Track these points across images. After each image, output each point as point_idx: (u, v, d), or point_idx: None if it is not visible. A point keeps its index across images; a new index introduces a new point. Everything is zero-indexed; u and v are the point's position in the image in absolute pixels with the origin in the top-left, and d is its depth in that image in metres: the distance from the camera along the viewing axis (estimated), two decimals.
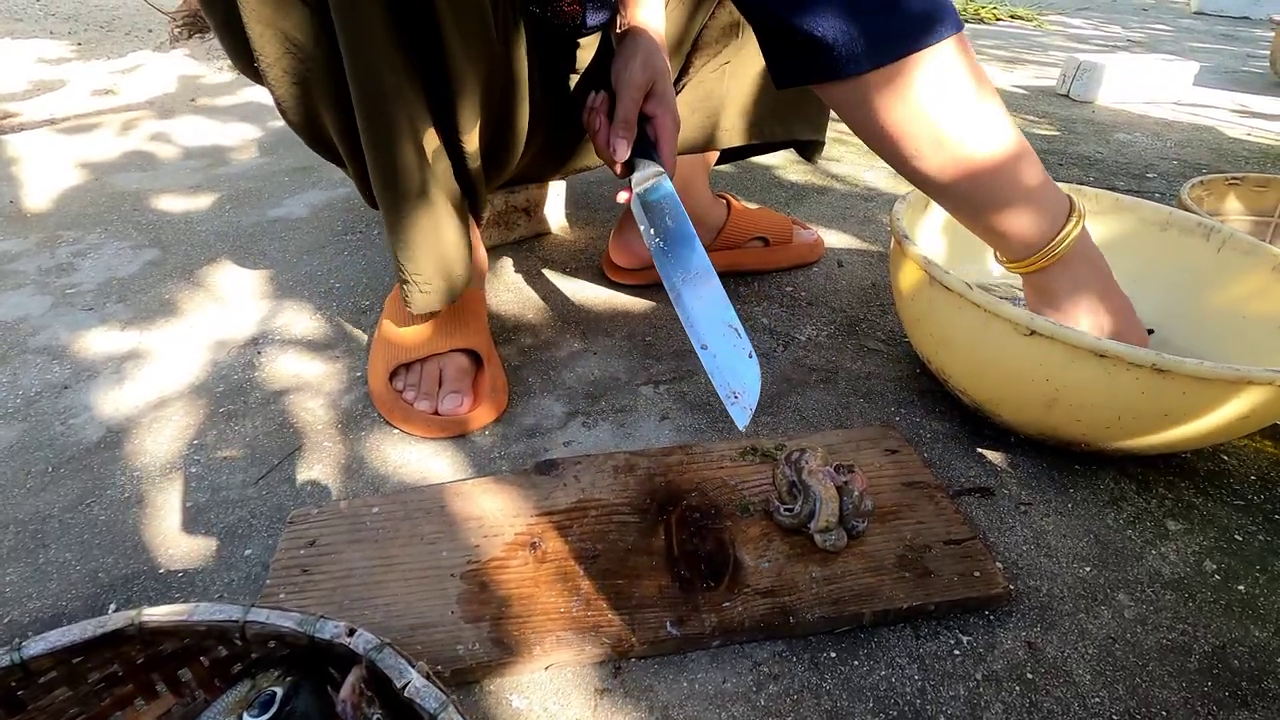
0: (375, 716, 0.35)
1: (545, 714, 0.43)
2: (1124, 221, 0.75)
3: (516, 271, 0.93)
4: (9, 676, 0.35)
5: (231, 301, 0.86)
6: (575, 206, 1.10)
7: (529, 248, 0.99)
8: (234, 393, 0.70)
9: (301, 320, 0.82)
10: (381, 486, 0.59)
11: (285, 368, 0.74)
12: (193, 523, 0.56)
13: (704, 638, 0.46)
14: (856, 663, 0.46)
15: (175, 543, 0.54)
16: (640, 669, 0.46)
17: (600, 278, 0.91)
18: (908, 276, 0.63)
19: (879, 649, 0.47)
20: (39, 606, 0.50)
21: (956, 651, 0.47)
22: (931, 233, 0.75)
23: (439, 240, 0.59)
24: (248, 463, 0.62)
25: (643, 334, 0.80)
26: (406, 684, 0.35)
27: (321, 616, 0.38)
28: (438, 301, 0.62)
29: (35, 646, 0.35)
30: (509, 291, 0.88)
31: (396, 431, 0.65)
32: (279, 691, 0.34)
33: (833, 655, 0.47)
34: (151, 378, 0.72)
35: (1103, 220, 0.76)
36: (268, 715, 0.33)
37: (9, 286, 0.88)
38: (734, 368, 0.53)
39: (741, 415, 0.52)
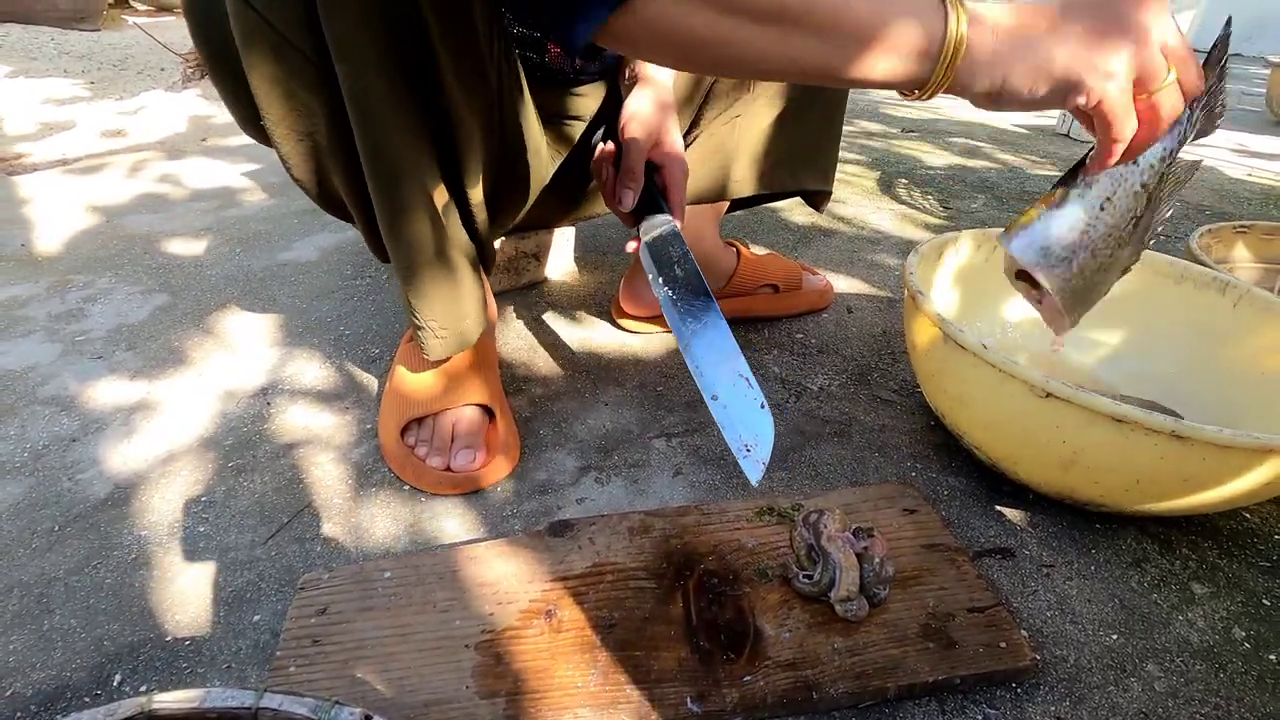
0: None
1: None
2: (1138, 273, 0.75)
3: (526, 317, 0.93)
4: None
5: (241, 349, 0.86)
6: (584, 250, 1.10)
7: (538, 293, 0.99)
8: (243, 446, 0.70)
9: (311, 369, 0.82)
10: (393, 546, 0.59)
11: (295, 420, 0.73)
12: (200, 586, 0.55)
13: (725, 715, 0.45)
14: None
15: (182, 608, 0.53)
16: None
17: (610, 324, 0.91)
18: (922, 332, 0.63)
19: None
20: (43, 677, 0.49)
21: None
22: (944, 284, 0.75)
23: (452, 287, 0.59)
24: (257, 521, 0.61)
25: (654, 383, 0.80)
26: None
27: (336, 702, 0.37)
28: (452, 348, 0.62)
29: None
30: (518, 338, 0.88)
31: (408, 488, 0.65)
32: None
33: None
34: (160, 430, 0.72)
35: None
36: None
37: (19, 333, 0.88)
38: (746, 419, 0.52)
39: (754, 469, 0.51)
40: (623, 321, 0.90)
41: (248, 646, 0.51)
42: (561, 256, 1.04)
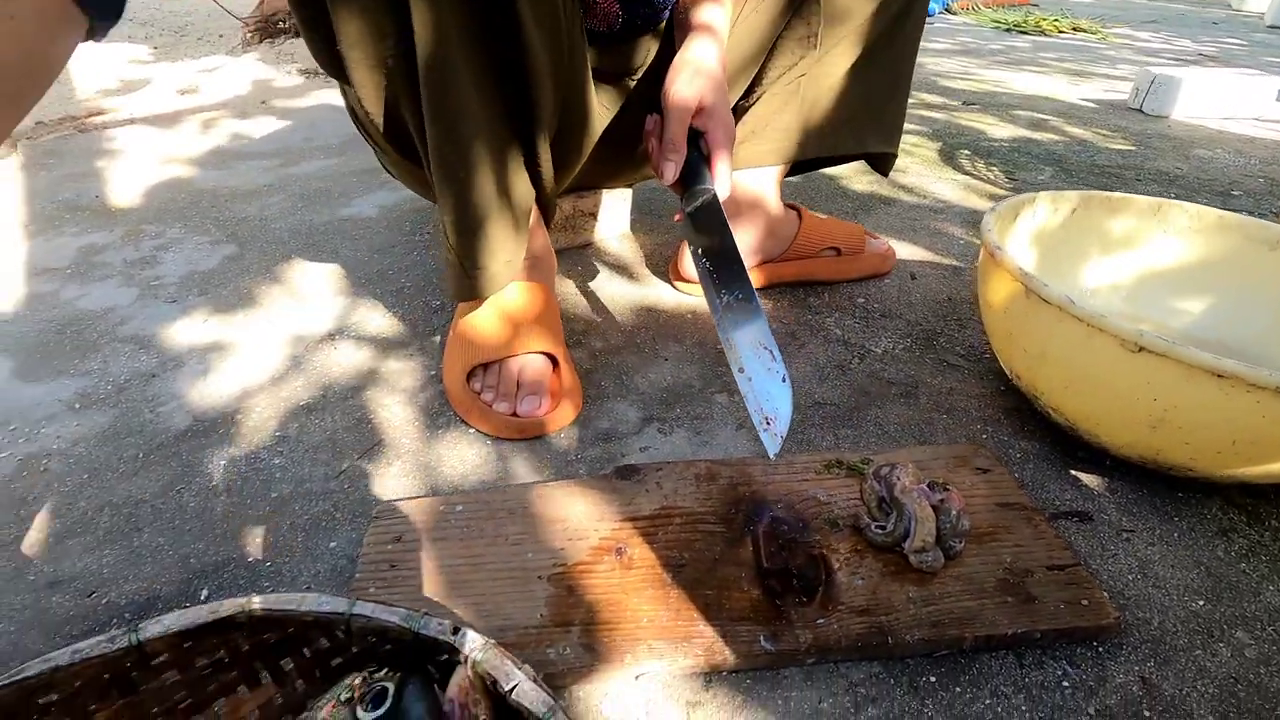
0: (482, 718, 0.35)
1: None
2: (1228, 240, 0.72)
3: (582, 275, 0.93)
4: (125, 658, 0.35)
5: (307, 297, 0.87)
6: (640, 213, 1.10)
7: (594, 253, 0.99)
8: (313, 387, 0.71)
9: (375, 317, 0.83)
10: (460, 485, 0.59)
11: (362, 364, 0.75)
12: (278, 513, 0.57)
13: (799, 655, 0.45)
14: (959, 689, 0.44)
15: (262, 532, 0.55)
16: (732, 683, 0.44)
17: (667, 284, 0.91)
18: (1000, 289, 0.61)
19: (981, 676, 0.45)
20: (135, 588, 0.51)
21: (1065, 684, 0.45)
22: (1019, 245, 0.73)
23: (494, 226, 0.60)
24: (329, 456, 0.63)
25: (713, 342, 0.79)
26: (515, 687, 0.34)
27: (425, 613, 0.37)
28: (489, 289, 0.62)
29: (151, 629, 0.35)
30: (576, 295, 0.88)
31: (473, 431, 0.65)
32: (390, 687, 0.34)
33: (932, 680, 0.45)
34: (233, 369, 0.74)
35: (1204, 238, 0.73)
36: (380, 710, 0.33)
37: (97, 278, 0.91)
38: (768, 392, 0.52)
39: (772, 443, 0.51)
40: (680, 284, 0.89)
41: (325, 570, 0.52)
42: (617, 218, 1.04)
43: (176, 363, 0.75)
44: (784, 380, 0.51)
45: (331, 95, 1.75)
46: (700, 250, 0.59)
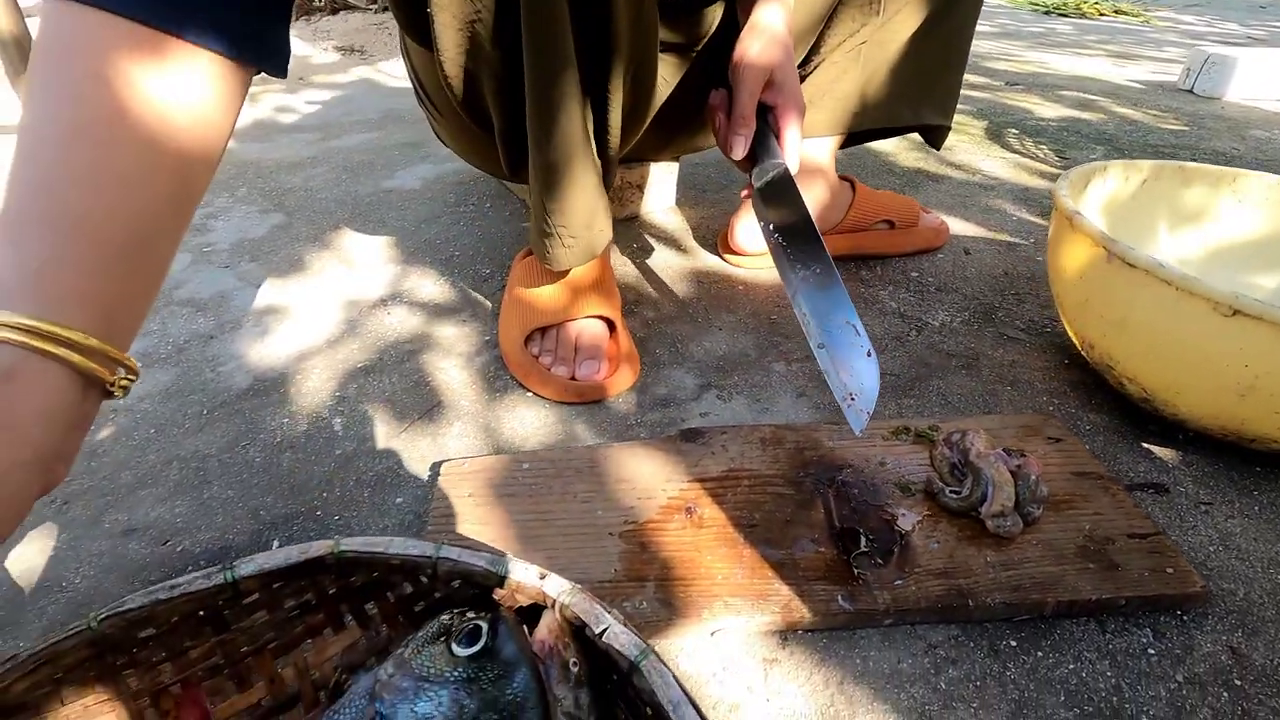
0: (573, 660, 0.34)
1: (715, 680, 0.42)
2: None
3: (631, 247, 0.92)
4: (219, 595, 0.35)
5: (357, 264, 0.88)
6: (684, 187, 1.09)
7: (640, 225, 0.98)
8: (369, 350, 0.72)
9: (426, 284, 0.83)
10: (520, 447, 0.59)
11: (416, 328, 0.75)
12: (343, 469, 0.57)
13: (877, 615, 0.44)
14: (1040, 653, 0.43)
15: (328, 487, 0.55)
16: (808, 642, 0.44)
17: (715, 256, 0.90)
18: (1077, 254, 0.59)
19: (1064, 641, 0.44)
20: (208, 538, 0.51)
21: (1151, 651, 0.44)
22: (1089, 215, 0.71)
23: (586, 195, 0.59)
24: (389, 415, 0.63)
25: (767, 312, 0.78)
26: (605, 630, 0.34)
27: (511, 558, 0.37)
28: (580, 258, 0.62)
29: (245, 568, 0.35)
30: (625, 266, 0.88)
31: (531, 394, 0.65)
32: (484, 625, 0.33)
33: (1013, 644, 0.44)
34: (290, 332, 0.74)
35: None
36: (475, 648, 0.32)
37: None
38: (851, 367, 0.51)
39: (857, 420, 0.50)
40: (729, 257, 0.88)
41: (393, 524, 0.52)
42: (663, 191, 1.03)
43: (233, 325, 0.75)
44: (869, 355, 0.50)
45: (369, 71, 1.75)
46: (772, 225, 0.58)
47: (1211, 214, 0.73)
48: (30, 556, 0.50)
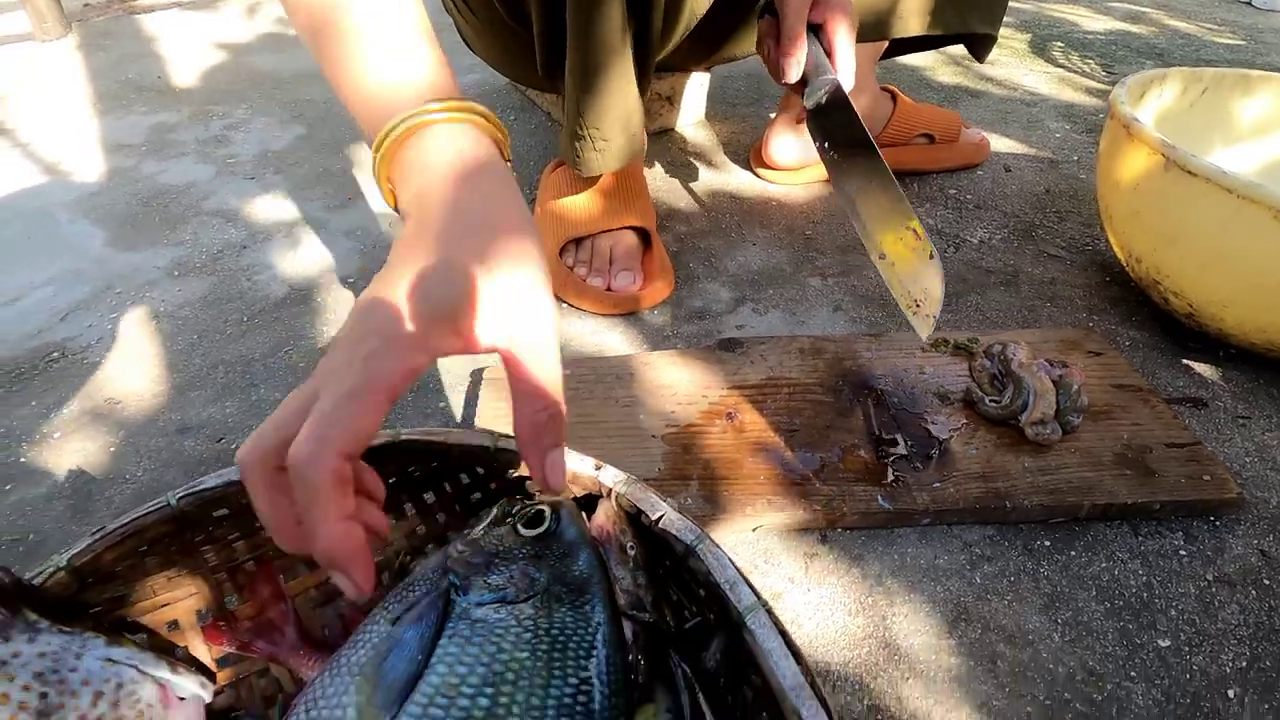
0: (630, 544, 0.36)
1: (758, 572, 0.44)
2: None
3: (661, 161, 0.90)
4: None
5: None
6: (714, 100, 1.05)
7: (670, 139, 0.96)
8: None
9: None
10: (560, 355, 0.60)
11: None
12: None
13: (915, 515, 0.45)
14: (1074, 553, 0.45)
15: None
16: (846, 539, 0.45)
17: (747, 171, 0.87)
18: (1132, 163, 0.57)
19: (1097, 543, 0.45)
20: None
21: (1183, 552, 0.45)
22: (1146, 122, 0.68)
23: (623, 98, 0.57)
24: None
25: (801, 228, 0.77)
26: (661, 517, 0.35)
27: (566, 449, 0.38)
28: (614, 162, 0.60)
29: None
30: (656, 180, 0.86)
31: (567, 306, 0.65)
32: (546, 510, 0.35)
33: (1047, 544, 0.45)
34: (321, 243, 0.74)
35: None
36: (539, 530, 0.34)
37: (172, 155, 0.91)
38: (915, 274, 0.50)
39: (923, 325, 0.49)
40: (762, 171, 0.86)
41: (438, 426, 0.53)
42: (693, 105, 0.99)
43: (265, 235, 0.75)
44: (932, 257, 0.49)
45: None
46: (828, 144, 0.56)
47: (1273, 127, 0.70)
48: (94, 451, 0.51)
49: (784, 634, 0.30)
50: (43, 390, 0.57)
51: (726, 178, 0.86)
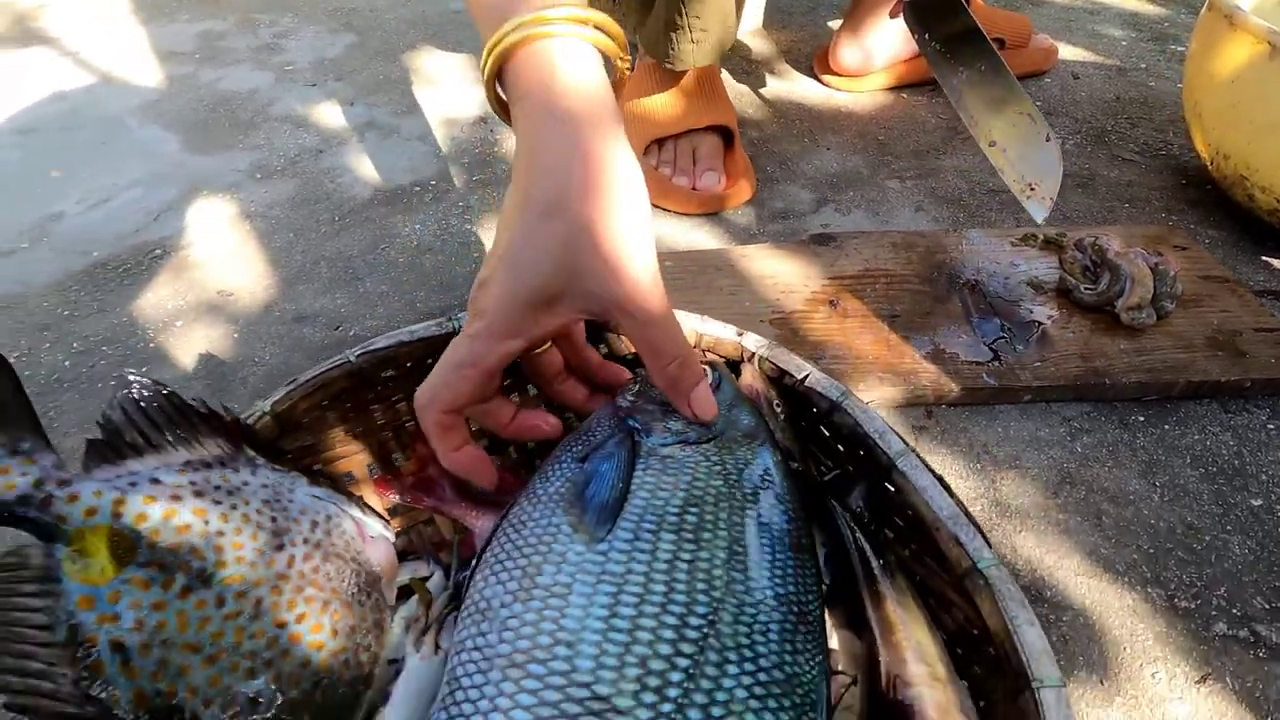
0: (776, 401, 0.38)
1: None
2: None
3: (725, 68, 0.89)
4: (445, 341, 0.39)
5: (444, 84, 0.85)
6: (770, 9, 1.02)
7: (731, 47, 0.94)
8: (481, 164, 0.72)
9: None
10: None
11: None
12: (472, 279, 0.59)
13: (1018, 390, 0.47)
14: (1167, 427, 0.47)
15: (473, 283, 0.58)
16: (951, 415, 0.48)
17: (810, 79, 0.86)
18: (1232, 54, 0.57)
19: (1188, 418, 0.48)
20: (374, 325, 0.55)
21: (1270, 425, 0.47)
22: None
23: None
24: None
25: (874, 133, 0.77)
26: (806, 376, 0.37)
27: (704, 318, 0.40)
28: (709, 55, 0.60)
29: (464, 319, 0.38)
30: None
31: (652, 207, 0.66)
32: (706, 369, 0.37)
33: (1141, 419, 0.48)
34: (397, 148, 0.74)
35: None
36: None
37: (228, 62, 0.90)
38: (1028, 157, 0.51)
39: (1039, 208, 0.50)
40: (828, 78, 0.85)
41: None
42: (751, 13, 0.97)
43: (339, 140, 0.75)
44: (1049, 139, 0.50)
45: None
46: (929, 34, 0.56)
47: None
48: (219, 338, 0.53)
49: (935, 473, 0.33)
50: (154, 284, 0.58)
51: (791, 85, 0.86)
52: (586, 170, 0.28)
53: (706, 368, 0.36)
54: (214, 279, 0.59)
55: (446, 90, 0.84)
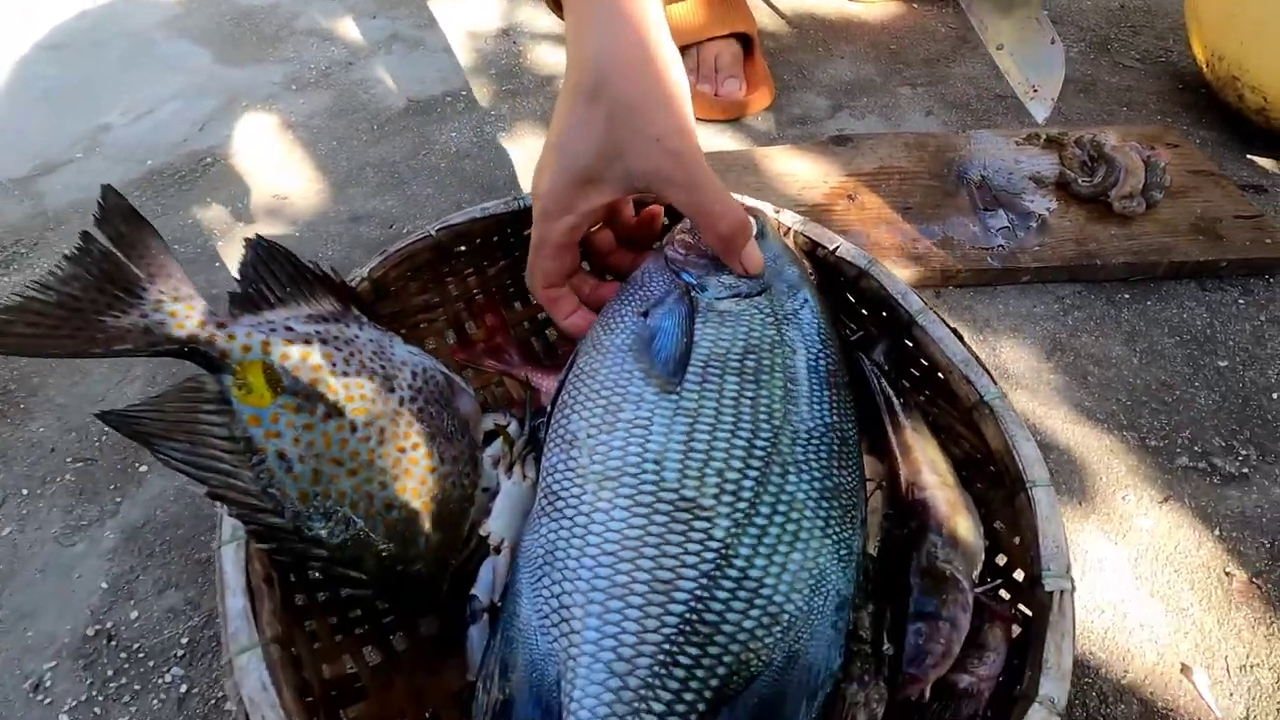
0: (810, 272, 0.43)
1: None
2: None
3: None
4: (511, 220, 0.43)
5: None
6: None
7: None
8: (507, 75, 0.74)
9: (541, 17, 0.83)
10: None
11: (545, 56, 0.77)
12: (523, 173, 0.63)
13: (1019, 272, 0.53)
14: (1149, 303, 0.53)
15: (516, 187, 0.62)
16: (958, 295, 0.53)
17: None
18: None
19: (1168, 295, 0.53)
20: (424, 224, 0.59)
21: (1241, 300, 0.53)
22: None
23: None
24: (543, 133, 0.67)
25: (886, 43, 0.79)
26: (837, 247, 0.42)
27: (745, 197, 0.44)
28: None
29: (528, 199, 0.43)
30: None
31: None
32: (752, 219, 0.40)
33: (1126, 296, 0.53)
34: (423, 59, 0.76)
35: None
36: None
37: None
38: (1031, 59, 0.54)
39: (1040, 108, 0.54)
40: None
41: None
42: None
43: (366, 52, 0.77)
44: (1054, 42, 0.53)
45: None
46: None
47: None
48: (281, 236, 0.58)
49: (950, 326, 0.38)
50: (211, 190, 0.62)
51: None
52: (627, 54, 0.31)
53: (751, 218, 0.39)
54: (268, 184, 0.62)
55: (465, 3, 0.85)
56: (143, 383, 0.49)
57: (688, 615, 0.27)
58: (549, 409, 0.35)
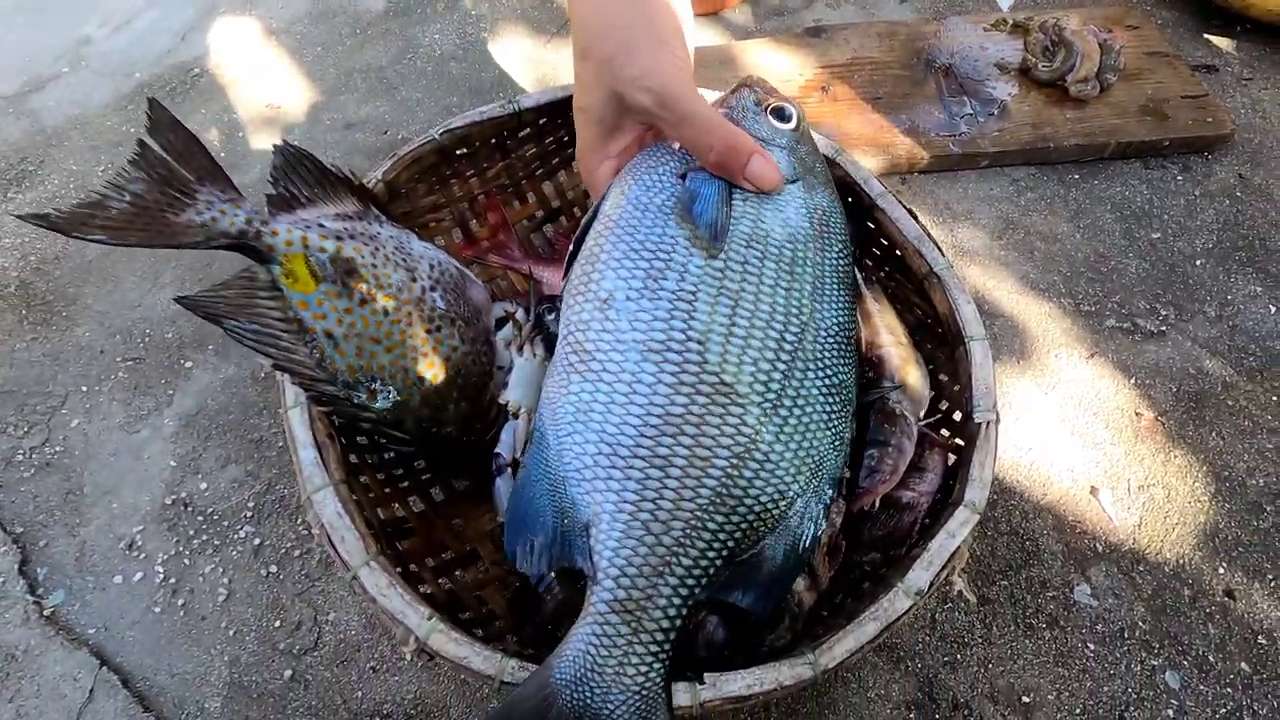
0: None
1: None
2: None
3: None
4: (508, 124, 0.46)
5: None
6: None
7: None
8: None
9: None
10: None
11: None
12: (509, 75, 0.65)
13: (979, 157, 0.57)
14: (1097, 182, 0.57)
15: (501, 88, 0.64)
16: (922, 180, 0.57)
17: None
18: None
19: (1115, 175, 0.58)
20: (417, 129, 0.61)
21: (1179, 177, 0.58)
22: None
23: None
24: (528, 31, 0.68)
25: None
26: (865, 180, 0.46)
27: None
28: None
29: (526, 101, 0.46)
30: None
31: None
32: (792, 108, 0.42)
33: (1076, 177, 0.58)
34: None
35: None
36: (793, 124, 0.40)
37: None
38: None
39: None
40: None
41: None
42: None
43: None
44: None
45: None
46: None
47: None
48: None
49: (907, 207, 0.43)
50: (203, 102, 0.63)
51: None
52: (613, 9, 0.33)
53: (785, 105, 0.39)
54: (259, 94, 0.64)
55: None
56: (172, 288, 0.53)
57: (718, 489, 0.30)
58: (570, 249, 0.36)
